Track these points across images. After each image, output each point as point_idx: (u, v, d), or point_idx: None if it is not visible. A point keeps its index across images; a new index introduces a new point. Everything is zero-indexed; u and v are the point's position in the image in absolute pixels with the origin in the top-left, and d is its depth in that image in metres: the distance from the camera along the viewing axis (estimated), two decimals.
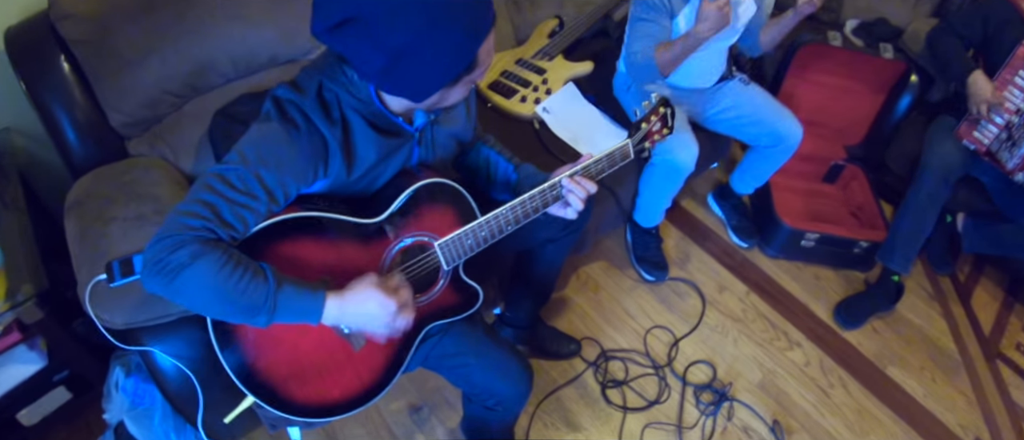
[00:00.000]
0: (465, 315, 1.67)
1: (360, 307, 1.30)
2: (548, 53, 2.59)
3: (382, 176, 1.46)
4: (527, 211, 1.54)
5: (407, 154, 1.48)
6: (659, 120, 1.66)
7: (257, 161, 1.24)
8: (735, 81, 2.51)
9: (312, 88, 1.31)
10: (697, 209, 2.99)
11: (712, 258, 2.80)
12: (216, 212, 1.20)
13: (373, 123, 1.38)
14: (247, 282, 1.19)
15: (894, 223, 2.59)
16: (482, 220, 1.49)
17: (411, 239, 1.49)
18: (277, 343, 1.37)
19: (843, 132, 3.07)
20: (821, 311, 2.71)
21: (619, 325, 2.51)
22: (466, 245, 1.52)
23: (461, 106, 1.62)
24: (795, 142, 2.43)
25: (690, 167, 2.25)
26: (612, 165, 1.64)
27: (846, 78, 2.91)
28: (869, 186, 2.97)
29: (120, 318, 1.57)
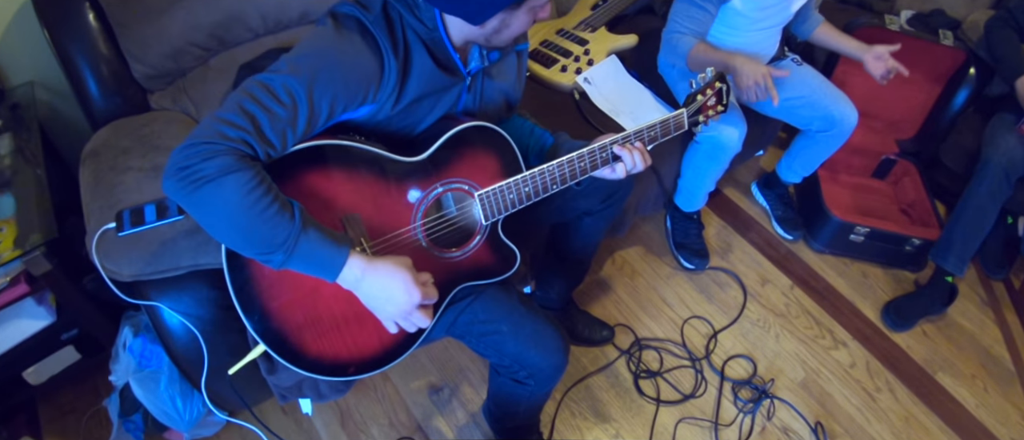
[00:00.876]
0: (500, 278, 1.55)
1: (383, 282, 1.20)
2: (591, 24, 2.46)
3: (427, 117, 1.38)
4: (574, 171, 1.45)
5: (455, 98, 1.40)
6: (714, 95, 1.59)
7: (309, 72, 1.15)
8: (787, 61, 2.37)
9: (377, 4, 1.24)
10: (741, 198, 2.85)
11: (755, 249, 2.66)
12: (256, 124, 1.11)
13: (433, 52, 1.30)
14: (272, 214, 1.09)
15: (951, 220, 2.44)
16: (527, 174, 1.41)
17: (451, 185, 1.39)
18: (297, 285, 1.27)
19: (896, 125, 2.91)
20: (869, 310, 2.56)
21: (655, 313, 2.37)
22: (508, 199, 1.43)
23: (512, 62, 1.54)
24: (849, 127, 2.29)
25: (737, 147, 2.11)
26: (666, 134, 1.56)
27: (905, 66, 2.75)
28: (922, 183, 2.82)
29: (127, 270, 1.49)
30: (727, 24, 2.15)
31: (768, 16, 2.14)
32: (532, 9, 1.27)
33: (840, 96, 2.30)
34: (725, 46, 2.23)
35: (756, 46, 2.25)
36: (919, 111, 2.87)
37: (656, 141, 1.55)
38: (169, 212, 1.55)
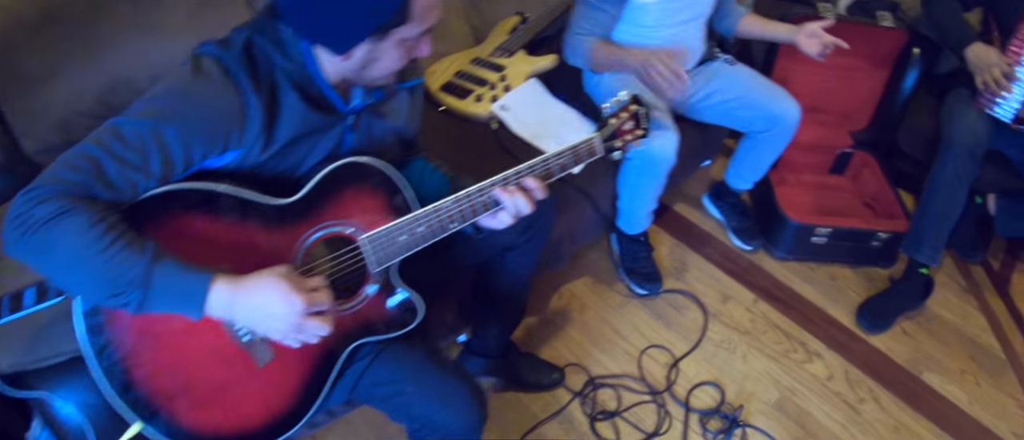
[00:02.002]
0: (400, 333, 1.38)
1: (257, 299, 1.07)
2: (508, 49, 2.32)
3: (307, 158, 1.26)
4: (475, 208, 1.31)
5: (337, 138, 1.28)
6: (630, 118, 1.47)
7: (160, 115, 1.07)
8: (719, 62, 2.24)
9: (239, 42, 1.15)
10: (692, 212, 2.68)
11: (712, 265, 2.48)
12: (98, 167, 1.02)
13: (303, 91, 1.19)
14: (119, 249, 1.00)
15: (919, 209, 2.28)
16: (420, 213, 1.27)
17: (330, 228, 1.25)
18: (159, 346, 1.14)
19: (847, 117, 2.77)
20: (842, 315, 2.38)
21: (609, 347, 2.19)
22: (399, 242, 1.28)
23: (404, 100, 1.42)
24: (793, 123, 2.14)
25: (670, 159, 1.96)
26: (577, 162, 1.42)
27: (844, 56, 2.59)
28: (882, 173, 2.67)
29: (6, 360, 1.33)
30: (636, 23, 2.03)
31: (680, 11, 2.02)
32: (402, 43, 1.16)
33: (778, 92, 2.16)
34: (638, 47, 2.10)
35: (675, 46, 2.12)
36: (869, 99, 2.73)
37: (566, 170, 1.41)
38: (50, 294, 1.39)
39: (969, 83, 2.30)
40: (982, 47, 2.17)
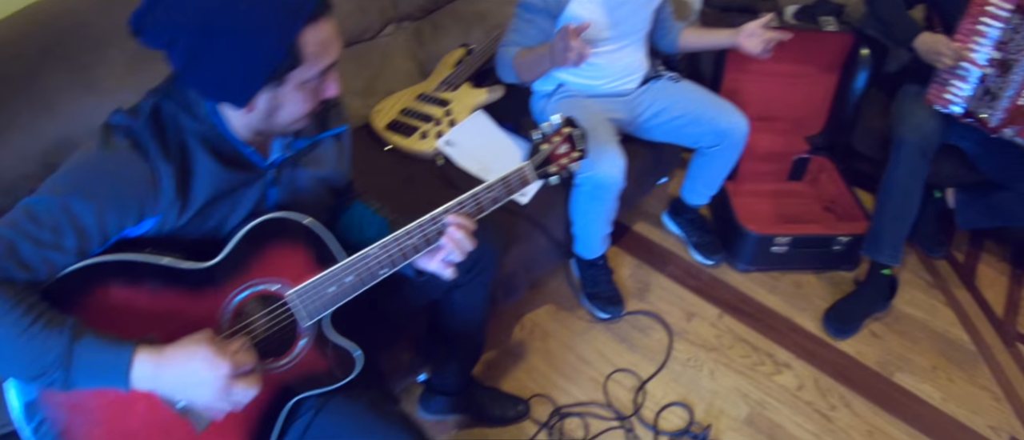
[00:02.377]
0: (339, 385, 1.35)
1: (182, 368, 1.06)
2: (452, 83, 2.31)
3: (230, 218, 1.24)
4: (404, 251, 1.30)
5: (259, 194, 1.26)
6: (564, 141, 1.46)
7: (69, 190, 1.06)
8: (664, 80, 2.24)
9: (146, 109, 1.14)
10: (652, 231, 2.67)
11: (675, 283, 2.46)
12: (12, 249, 1.02)
13: (215, 151, 1.17)
14: (39, 330, 0.99)
15: (876, 210, 2.28)
16: (347, 262, 1.25)
17: (256, 287, 1.23)
18: (95, 420, 1.12)
19: (801, 123, 2.77)
20: (809, 323, 2.37)
21: (574, 375, 2.16)
22: (328, 294, 1.26)
23: (329, 146, 1.40)
24: (741, 136, 2.14)
25: (618, 182, 1.95)
26: (511, 192, 1.42)
27: (792, 63, 2.63)
28: (840, 176, 2.67)
29: None
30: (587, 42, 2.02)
31: (618, 29, 2.02)
32: (304, 86, 1.14)
33: (725, 106, 2.16)
34: (577, 72, 2.12)
35: (617, 67, 2.14)
36: (821, 103, 2.74)
37: (499, 202, 1.41)
38: None
39: (918, 79, 2.30)
40: (929, 35, 2.17)
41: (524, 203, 2.04)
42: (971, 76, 2.12)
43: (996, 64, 2.07)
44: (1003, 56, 2.05)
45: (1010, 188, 2.24)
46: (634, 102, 2.20)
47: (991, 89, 2.09)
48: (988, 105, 2.11)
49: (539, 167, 1.45)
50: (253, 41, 1.04)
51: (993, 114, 2.10)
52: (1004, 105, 2.08)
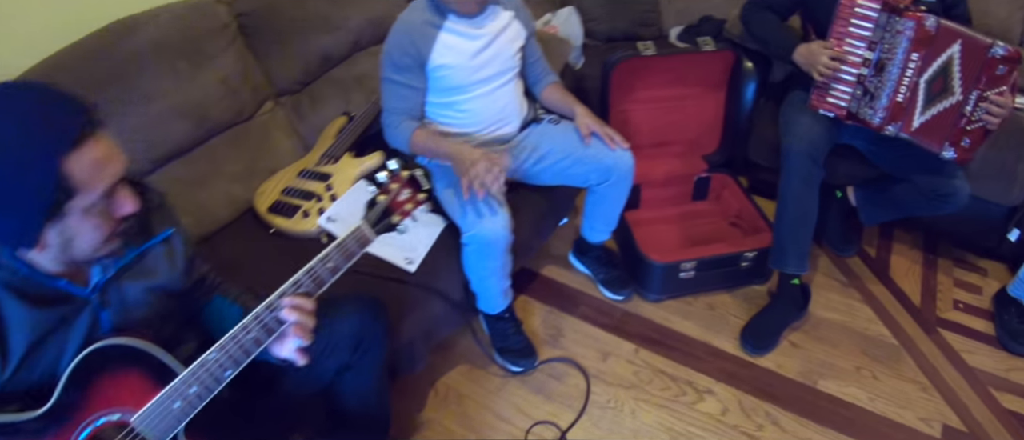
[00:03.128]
0: None
1: None
2: (333, 155, 2.26)
3: (61, 358, 1.17)
4: (245, 347, 1.24)
5: (89, 323, 1.19)
6: (404, 186, 1.45)
7: None
8: (545, 123, 2.21)
9: None
10: (561, 273, 2.63)
11: (587, 323, 2.42)
12: None
13: (24, 294, 1.11)
14: None
15: (776, 222, 2.28)
16: (185, 375, 1.19)
17: (98, 421, 1.17)
18: None
19: (697, 143, 2.78)
20: (726, 344, 2.34)
21: (493, 435, 2.09)
22: (175, 410, 1.19)
23: (159, 253, 1.32)
24: (627, 169, 2.12)
25: (503, 237, 1.91)
26: (350, 258, 1.38)
27: (678, 86, 2.64)
28: (741, 190, 2.67)
29: None
30: (445, 92, 2.02)
31: (481, 68, 2.02)
32: (90, 211, 1.07)
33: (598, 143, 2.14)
34: (455, 121, 2.10)
35: (489, 113, 2.11)
36: (714, 121, 2.75)
37: (340, 271, 1.37)
38: None
39: (803, 85, 2.31)
40: (805, 46, 2.19)
41: (413, 270, 1.98)
42: (849, 78, 2.13)
43: (871, 65, 2.08)
44: (877, 56, 2.06)
45: (906, 180, 2.25)
46: (517, 149, 2.17)
47: (870, 89, 2.11)
48: (869, 105, 2.12)
49: (379, 221, 1.42)
50: (17, 182, 0.98)
51: (875, 114, 2.12)
52: (883, 104, 2.09)
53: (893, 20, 2.01)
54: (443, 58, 1.96)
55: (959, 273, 2.67)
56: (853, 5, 2.06)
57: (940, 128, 2.04)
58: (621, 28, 3.00)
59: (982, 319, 2.46)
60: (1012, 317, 2.38)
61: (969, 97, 1.95)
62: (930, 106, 2.04)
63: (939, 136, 2.04)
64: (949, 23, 1.95)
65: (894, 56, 2.04)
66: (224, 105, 2.22)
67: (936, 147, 2.06)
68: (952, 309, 2.50)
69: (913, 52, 2.01)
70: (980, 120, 1.97)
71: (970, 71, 1.94)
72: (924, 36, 1.97)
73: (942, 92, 2.01)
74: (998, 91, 1.93)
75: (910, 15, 1.97)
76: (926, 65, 2.01)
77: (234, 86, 2.24)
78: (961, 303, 2.53)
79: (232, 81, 2.23)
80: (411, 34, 1.93)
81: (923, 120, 2.07)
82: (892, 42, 2.03)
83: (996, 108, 1.93)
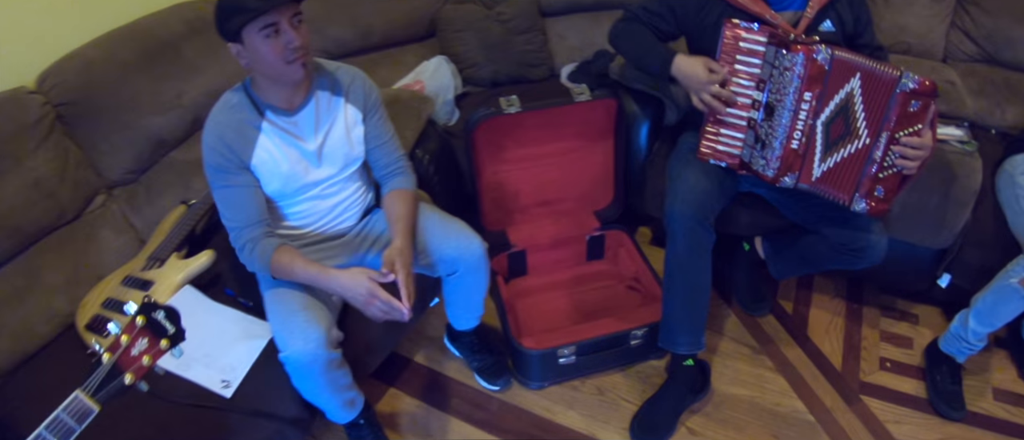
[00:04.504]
0: None
1: None
2: (159, 257, 2.01)
3: None
4: None
5: None
6: (140, 335, 1.25)
7: None
8: None
9: None
10: (436, 358, 2.36)
11: (461, 420, 2.16)
12: None
13: None
14: None
15: (664, 297, 2.02)
16: None
17: None
18: None
19: (587, 198, 2.52)
20: (616, 435, 2.10)
21: None
22: None
23: None
24: (476, 256, 1.87)
25: (319, 356, 1.66)
26: (69, 433, 1.17)
27: (558, 140, 2.38)
28: (637, 250, 2.42)
29: None
30: (282, 195, 1.78)
31: (317, 176, 1.78)
32: None
33: (452, 228, 1.88)
34: (303, 225, 1.86)
35: (321, 212, 1.86)
36: (604, 174, 2.49)
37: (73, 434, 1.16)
38: None
39: (694, 125, 2.08)
40: (687, 58, 1.91)
41: (230, 396, 1.74)
42: (739, 122, 1.89)
43: (761, 107, 1.83)
44: (766, 97, 1.81)
45: (815, 232, 2.01)
46: (356, 241, 1.93)
47: (761, 136, 1.86)
48: (761, 154, 1.88)
49: (103, 386, 1.20)
50: None
51: (767, 164, 1.87)
52: (777, 152, 1.84)
53: (781, 55, 1.75)
54: (265, 165, 1.70)
55: (887, 323, 2.42)
56: (737, 38, 1.81)
57: (846, 177, 1.79)
58: (505, 71, 2.73)
59: (912, 379, 2.22)
60: (945, 377, 2.14)
61: (878, 140, 1.71)
62: (831, 153, 1.79)
63: (846, 186, 1.80)
64: (844, 54, 1.70)
65: (784, 97, 1.78)
66: (39, 211, 1.97)
67: (844, 199, 1.81)
68: (878, 370, 2.26)
69: (805, 91, 1.75)
70: (893, 165, 1.72)
71: (876, 110, 1.69)
72: (816, 72, 1.71)
73: (844, 136, 1.76)
74: (912, 130, 1.67)
75: (799, 48, 1.71)
76: (822, 105, 1.76)
77: (49, 189, 1.99)
78: (888, 361, 2.28)
79: (46, 183, 1.98)
80: (224, 138, 1.66)
81: (824, 169, 1.82)
82: (781, 80, 1.77)
83: (912, 151, 1.68)
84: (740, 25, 1.80)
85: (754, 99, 1.85)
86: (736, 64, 1.83)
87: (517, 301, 2.35)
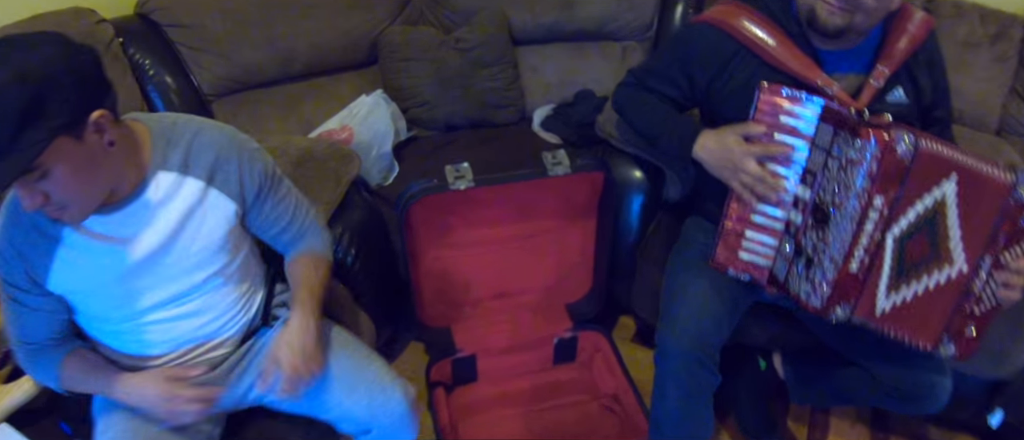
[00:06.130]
0: None
1: None
2: None
3: None
4: None
5: None
6: None
7: None
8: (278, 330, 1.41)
9: None
10: None
11: None
12: None
13: None
14: None
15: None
16: None
17: None
18: None
19: (557, 290, 1.99)
20: None
21: None
22: None
23: None
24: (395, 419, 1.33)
25: None
26: None
27: (522, 220, 1.85)
28: (617, 359, 1.90)
29: None
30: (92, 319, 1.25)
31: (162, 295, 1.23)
32: None
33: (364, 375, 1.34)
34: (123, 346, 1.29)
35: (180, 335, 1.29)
36: (580, 259, 1.96)
37: None
38: None
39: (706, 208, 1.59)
40: (714, 134, 1.40)
41: None
42: (773, 224, 1.37)
43: (807, 209, 1.31)
44: (814, 196, 1.30)
45: (860, 366, 1.52)
46: (233, 371, 1.37)
47: (804, 247, 1.33)
48: (804, 274, 1.34)
49: None
50: None
51: (813, 290, 1.33)
52: (827, 275, 1.31)
53: (842, 139, 1.24)
54: (68, 282, 1.16)
55: None
56: (776, 109, 1.31)
57: (929, 315, 1.31)
58: (463, 112, 2.18)
59: None
60: None
61: (979, 266, 1.25)
62: (907, 280, 1.30)
63: (929, 327, 1.32)
64: (936, 145, 1.21)
65: (843, 199, 1.26)
66: None
67: (925, 343, 1.32)
68: None
69: (875, 193, 1.23)
70: (994, 297, 1.26)
71: (978, 225, 1.24)
72: (893, 167, 1.21)
73: (929, 259, 1.28)
74: (1020, 249, 1.24)
75: (869, 132, 1.20)
76: (897, 214, 1.25)
77: None
78: None
79: None
80: (13, 247, 1.12)
81: (896, 302, 1.32)
82: (839, 175, 1.26)
83: (1016, 277, 1.25)
84: (782, 92, 1.29)
85: (796, 196, 1.32)
86: (780, 134, 1.32)
87: (462, 420, 1.82)
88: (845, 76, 1.40)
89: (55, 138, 0.93)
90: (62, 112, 0.93)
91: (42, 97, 0.91)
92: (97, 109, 0.98)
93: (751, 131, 1.34)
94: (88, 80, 0.98)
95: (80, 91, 0.96)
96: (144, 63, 1.93)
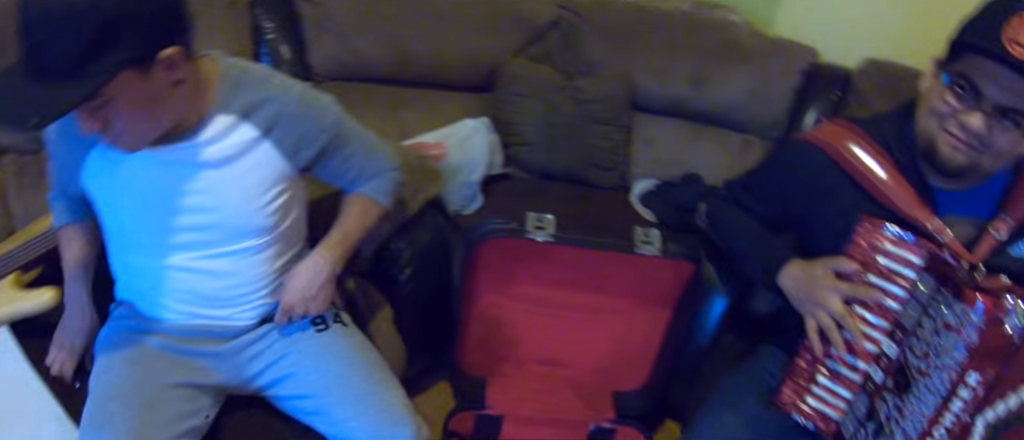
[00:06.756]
0: None
1: None
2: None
3: None
4: None
5: None
6: None
7: None
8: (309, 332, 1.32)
9: None
10: None
11: None
12: None
13: None
14: None
15: None
16: None
17: None
18: None
19: (609, 374, 1.84)
20: None
21: None
22: None
23: None
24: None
25: None
26: None
27: (593, 291, 1.71)
28: None
29: None
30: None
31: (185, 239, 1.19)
32: None
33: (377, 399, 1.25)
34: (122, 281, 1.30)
35: (186, 292, 1.24)
36: (642, 350, 1.81)
37: None
38: None
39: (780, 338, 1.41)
40: (802, 265, 1.24)
41: None
42: (851, 375, 1.18)
43: (891, 368, 1.13)
44: (901, 355, 1.12)
45: None
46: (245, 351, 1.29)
47: (878, 410, 1.14)
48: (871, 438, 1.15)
49: None
50: None
51: None
52: None
53: (942, 298, 1.05)
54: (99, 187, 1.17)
55: None
56: (875, 248, 1.14)
57: None
58: (564, 163, 2.08)
59: None
60: None
61: None
62: None
63: None
64: None
65: (932, 366, 1.07)
66: None
67: None
68: None
69: (971, 369, 1.02)
70: None
71: None
72: (998, 343, 1.00)
73: None
74: None
75: (977, 296, 1.00)
76: (994, 398, 1.04)
77: None
78: None
79: None
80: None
81: None
82: (933, 338, 1.07)
83: None
84: (885, 229, 1.12)
85: (881, 350, 1.14)
86: (875, 277, 1.14)
87: None
88: (960, 220, 1.20)
89: (122, 71, 0.89)
90: (134, 44, 0.90)
91: (116, 26, 0.87)
92: (171, 46, 0.94)
93: (842, 267, 1.17)
94: (166, 14, 0.94)
95: (156, 24, 0.92)
96: (265, 26, 1.93)
